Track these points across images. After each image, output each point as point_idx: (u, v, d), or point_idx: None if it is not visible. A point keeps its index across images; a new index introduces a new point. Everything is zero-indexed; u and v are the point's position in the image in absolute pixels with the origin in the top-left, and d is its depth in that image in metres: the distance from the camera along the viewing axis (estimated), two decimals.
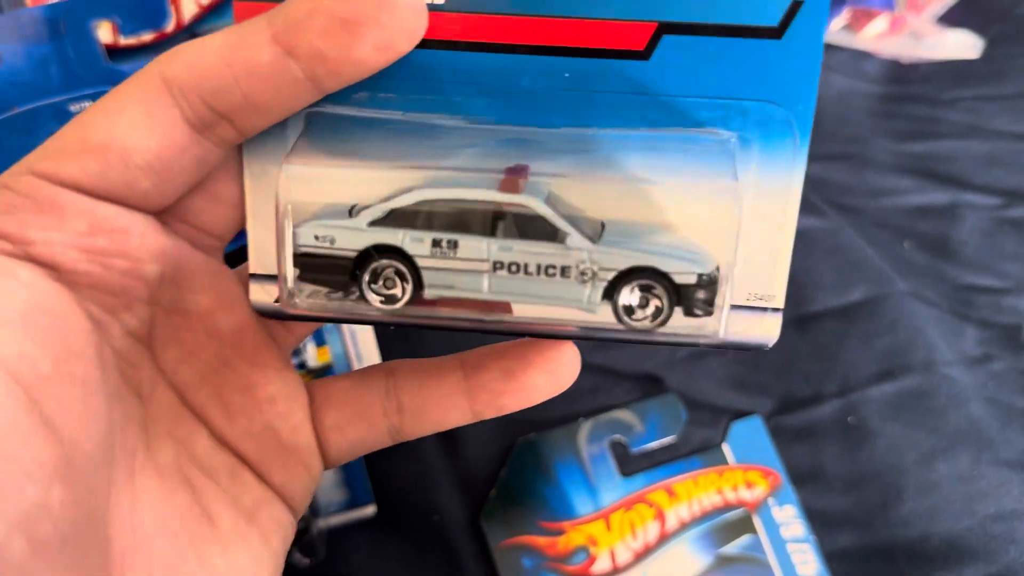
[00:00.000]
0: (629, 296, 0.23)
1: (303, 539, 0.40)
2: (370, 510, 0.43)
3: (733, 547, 0.42)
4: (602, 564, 0.42)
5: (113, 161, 0.21)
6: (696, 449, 0.44)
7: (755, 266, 0.23)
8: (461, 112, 0.23)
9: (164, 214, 0.23)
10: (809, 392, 0.44)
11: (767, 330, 0.23)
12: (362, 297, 0.23)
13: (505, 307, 0.23)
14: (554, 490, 0.43)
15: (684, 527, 0.42)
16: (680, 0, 0.21)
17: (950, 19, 0.53)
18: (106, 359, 0.22)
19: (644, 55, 0.22)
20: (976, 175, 0.50)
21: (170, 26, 0.44)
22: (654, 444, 0.44)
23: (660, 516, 0.42)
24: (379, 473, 0.43)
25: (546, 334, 0.24)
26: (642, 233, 0.22)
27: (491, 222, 0.22)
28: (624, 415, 0.44)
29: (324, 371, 0.41)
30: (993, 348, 0.45)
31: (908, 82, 0.52)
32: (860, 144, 0.50)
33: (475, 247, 0.22)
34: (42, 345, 0.20)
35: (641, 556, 0.42)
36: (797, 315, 0.46)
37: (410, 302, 0.23)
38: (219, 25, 0.46)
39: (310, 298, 0.23)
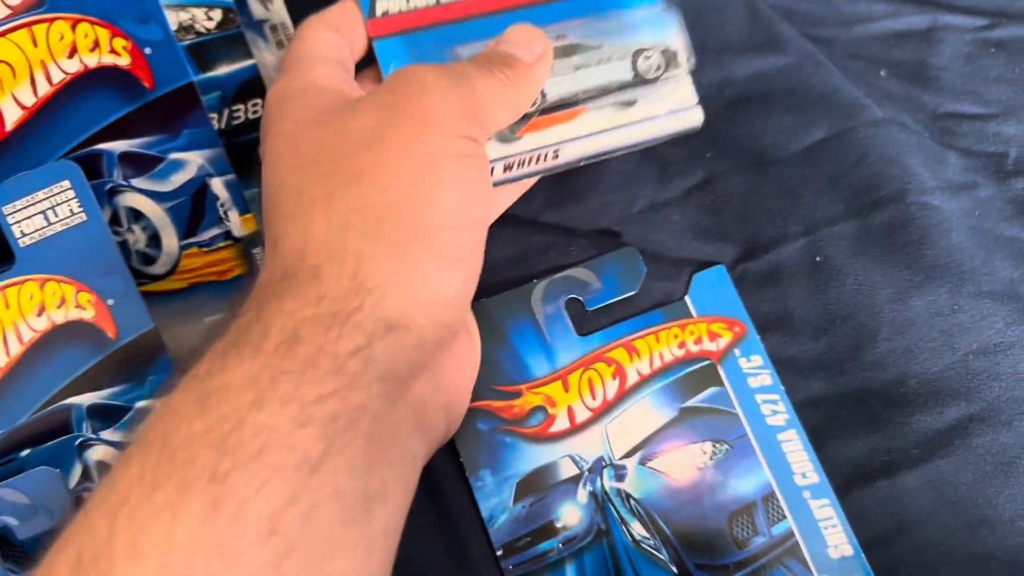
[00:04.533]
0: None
1: None
2: None
3: (697, 400, 0.40)
4: (560, 423, 0.40)
5: None
6: (657, 303, 0.41)
7: None
8: None
9: None
10: (773, 234, 0.41)
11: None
12: None
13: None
14: (509, 354, 0.41)
15: (645, 382, 0.40)
16: None
17: None
18: None
19: None
20: None
21: None
22: (612, 300, 0.41)
23: (620, 373, 0.40)
24: None
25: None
26: None
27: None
28: (580, 273, 0.42)
29: (252, 239, 0.38)
30: (979, 176, 0.42)
31: None
32: None
33: None
34: None
35: (601, 413, 0.40)
36: (757, 160, 0.42)
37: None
38: None
39: None
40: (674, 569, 0.38)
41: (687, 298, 0.41)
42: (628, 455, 0.40)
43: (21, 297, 0.35)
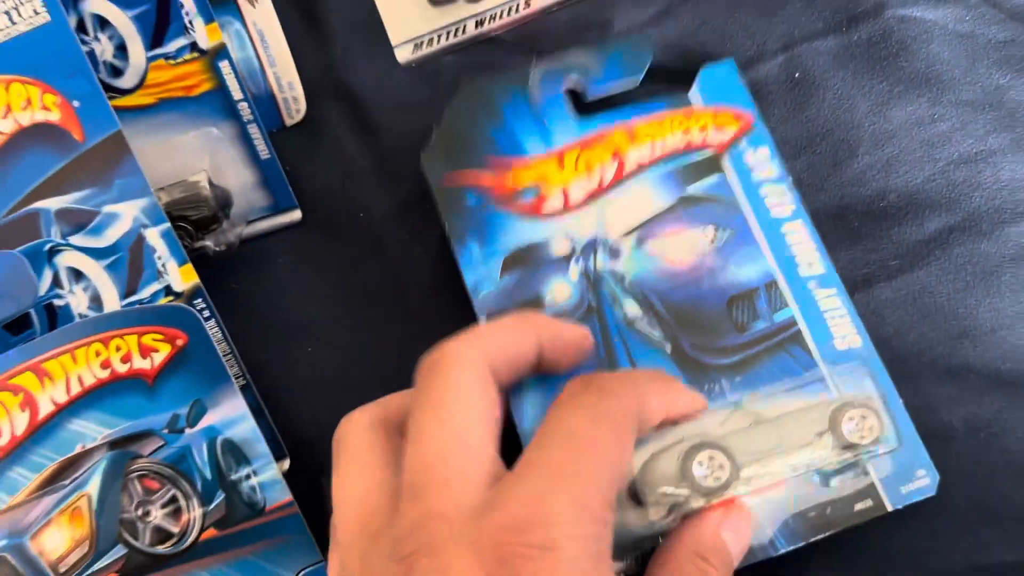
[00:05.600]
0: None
1: (214, 230, 0.38)
2: (296, 214, 0.41)
3: (699, 187, 0.38)
4: (553, 203, 0.38)
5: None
6: (661, 92, 0.40)
7: None
8: None
9: None
10: (752, 52, 0.41)
11: None
12: None
13: None
14: (502, 131, 0.38)
15: (644, 168, 0.38)
16: None
17: None
18: None
19: None
20: None
21: None
22: (614, 85, 0.39)
23: (618, 156, 0.38)
24: (300, 175, 0.41)
25: None
26: None
27: None
28: (581, 58, 0.39)
29: (219, 51, 0.38)
30: None
31: None
32: None
33: None
34: None
35: (596, 195, 0.38)
36: None
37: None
38: None
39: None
40: (667, 348, 0.36)
41: (694, 90, 0.39)
42: (624, 236, 0.37)
43: None
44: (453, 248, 0.37)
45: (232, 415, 0.34)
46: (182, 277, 0.36)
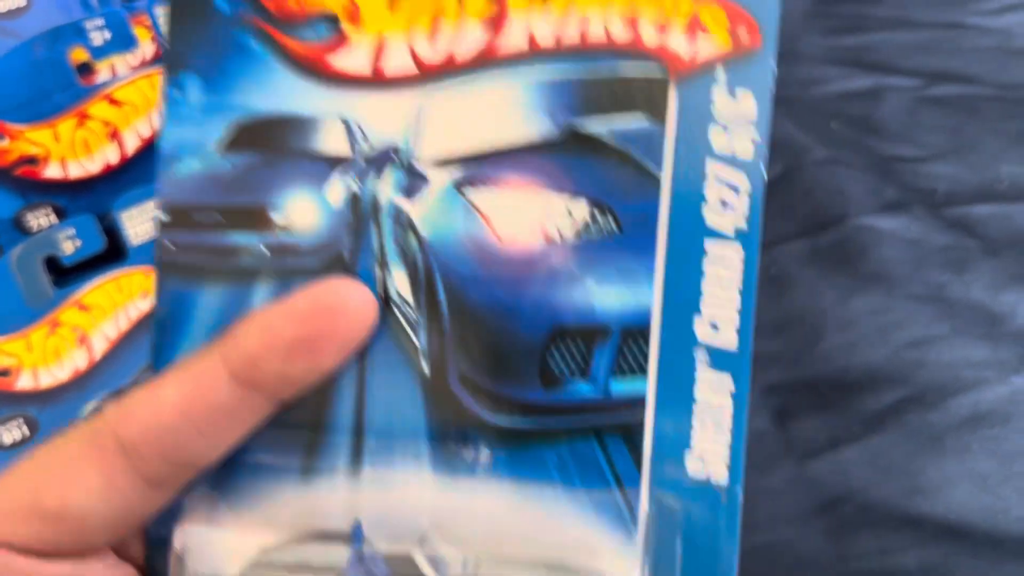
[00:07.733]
0: None
1: None
2: None
3: (606, 123, 0.23)
4: (359, 57, 0.23)
5: (68, 528, 0.20)
6: None
7: None
8: None
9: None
10: None
11: None
12: None
13: None
14: None
15: (532, 55, 0.23)
16: None
17: None
18: None
19: None
20: (900, 61, 0.55)
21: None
22: None
23: (502, 9, 0.23)
24: None
25: None
26: None
27: None
28: None
29: None
30: (912, 202, 0.50)
31: None
32: (792, 41, 0.56)
33: None
34: None
35: (432, 73, 0.23)
36: None
37: None
38: None
39: None
40: (424, 366, 0.22)
41: None
42: (441, 164, 0.23)
43: (131, 284, 0.44)
44: (163, 82, 0.22)
45: None
46: None
